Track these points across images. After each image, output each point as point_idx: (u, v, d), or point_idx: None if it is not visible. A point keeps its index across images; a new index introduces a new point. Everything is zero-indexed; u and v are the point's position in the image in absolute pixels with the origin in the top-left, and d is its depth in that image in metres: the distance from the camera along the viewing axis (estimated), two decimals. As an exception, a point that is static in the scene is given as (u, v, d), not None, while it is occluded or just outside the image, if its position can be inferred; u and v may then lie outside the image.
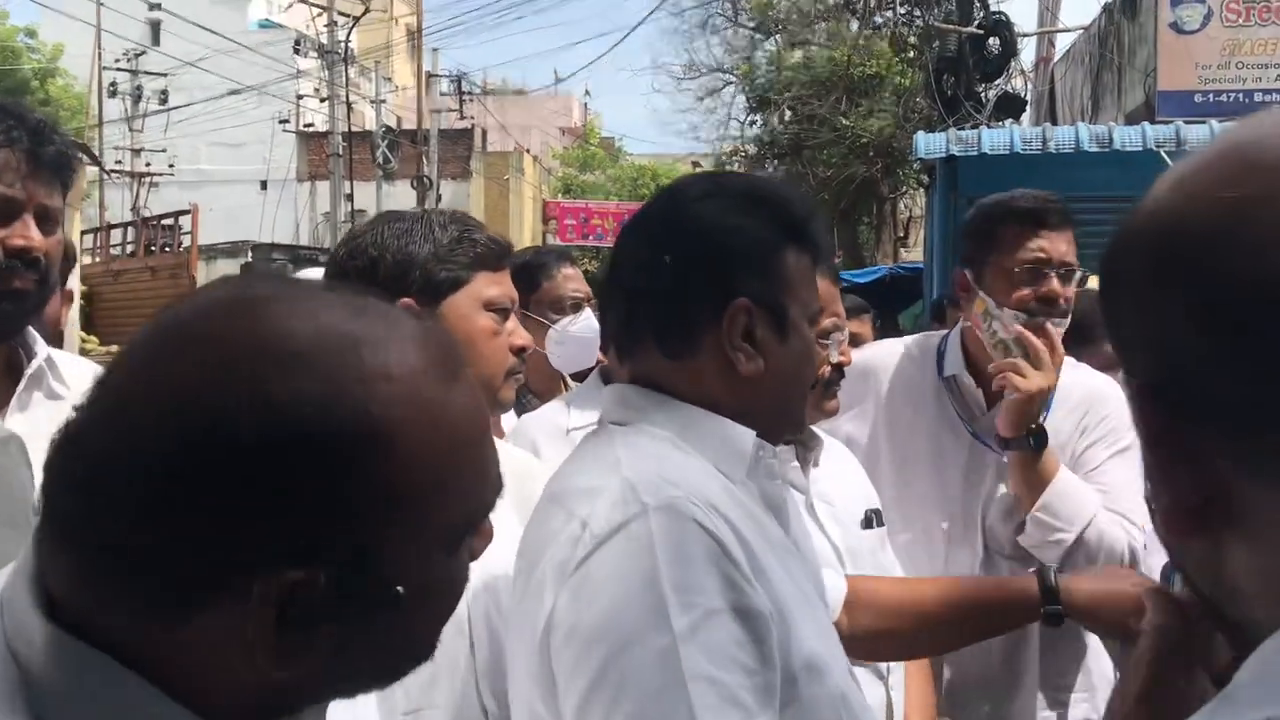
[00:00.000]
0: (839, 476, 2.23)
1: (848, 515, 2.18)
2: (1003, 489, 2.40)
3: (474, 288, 1.76)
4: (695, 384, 1.38)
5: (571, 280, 3.12)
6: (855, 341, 2.79)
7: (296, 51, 31.92)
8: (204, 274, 17.65)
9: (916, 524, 2.42)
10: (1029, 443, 2.29)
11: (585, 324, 3.05)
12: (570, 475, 1.37)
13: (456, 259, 1.75)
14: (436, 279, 1.73)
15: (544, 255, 3.33)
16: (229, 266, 19.91)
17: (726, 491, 1.32)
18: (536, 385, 3.04)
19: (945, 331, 2.62)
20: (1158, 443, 0.63)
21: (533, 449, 2.33)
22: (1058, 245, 2.35)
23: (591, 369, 3.11)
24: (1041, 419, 2.34)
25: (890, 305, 10.78)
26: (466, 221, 1.81)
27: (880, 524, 2.26)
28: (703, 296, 1.36)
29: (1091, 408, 2.40)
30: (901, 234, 22.77)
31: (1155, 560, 2.35)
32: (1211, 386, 0.60)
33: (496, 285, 1.79)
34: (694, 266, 1.37)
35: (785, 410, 1.45)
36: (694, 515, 1.22)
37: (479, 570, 1.65)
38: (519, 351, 1.81)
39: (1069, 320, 2.38)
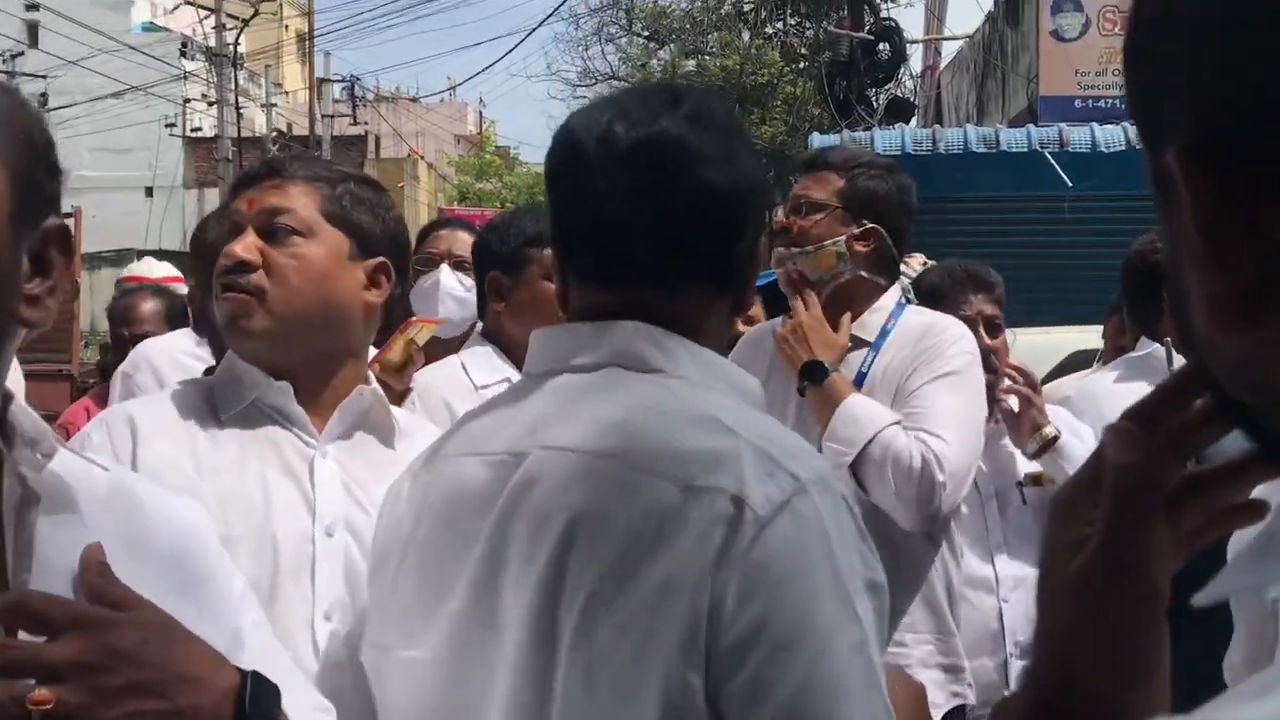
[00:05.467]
0: None
1: None
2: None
3: None
4: (702, 322, 1.28)
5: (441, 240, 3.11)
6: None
7: (183, 55, 31.17)
8: (88, 282, 17.01)
9: None
10: (821, 370, 2.42)
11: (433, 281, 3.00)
12: (632, 433, 1.17)
13: None
14: None
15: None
16: (115, 275, 19.28)
17: None
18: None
19: None
20: (1203, 213, 0.52)
21: (445, 409, 2.26)
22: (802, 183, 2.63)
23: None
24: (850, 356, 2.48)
25: (787, 304, 10.94)
26: None
27: None
28: (750, 233, 1.28)
29: (922, 338, 2.51)
30: (795, 240, 23.11)
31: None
32: None
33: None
34: (743, 201, 1.27)
35: None
36: (840, 490, 1.17)
37: (339, 511, 1.55)
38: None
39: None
